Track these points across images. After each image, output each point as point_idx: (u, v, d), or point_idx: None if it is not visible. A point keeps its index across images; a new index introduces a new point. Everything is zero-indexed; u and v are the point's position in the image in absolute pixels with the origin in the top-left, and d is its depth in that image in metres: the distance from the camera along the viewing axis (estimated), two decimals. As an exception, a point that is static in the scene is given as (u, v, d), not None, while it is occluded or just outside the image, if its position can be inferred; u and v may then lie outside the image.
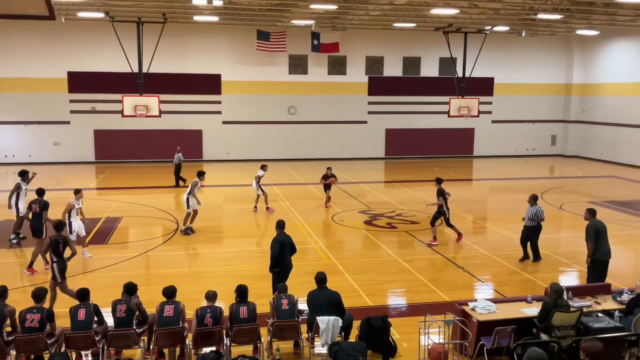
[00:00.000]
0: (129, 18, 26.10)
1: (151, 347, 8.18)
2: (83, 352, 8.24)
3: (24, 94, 30.04)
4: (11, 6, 6.44)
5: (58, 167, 29.51)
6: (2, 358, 8.02)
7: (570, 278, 12.68)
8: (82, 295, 8.13)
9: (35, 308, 7.83)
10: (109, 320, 8.29)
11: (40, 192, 13.25)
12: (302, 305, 8.93)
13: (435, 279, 12.27)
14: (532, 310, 8.52)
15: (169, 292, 8.33)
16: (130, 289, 8.34)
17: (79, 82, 30.55)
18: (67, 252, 10.29)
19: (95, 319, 8.01)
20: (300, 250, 14.61)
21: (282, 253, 10.17)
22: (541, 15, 25.38)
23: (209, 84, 32.07)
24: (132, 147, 31.25)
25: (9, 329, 7.91)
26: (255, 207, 18.89)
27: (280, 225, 10.56)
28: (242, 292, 8.36)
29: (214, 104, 32.33)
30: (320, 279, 8.66)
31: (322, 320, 8.12)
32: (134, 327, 8.10)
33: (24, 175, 14.95)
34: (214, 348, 8.07)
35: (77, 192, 13.34)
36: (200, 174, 16.31)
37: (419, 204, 20.34)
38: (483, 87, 34.53)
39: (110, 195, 22.23)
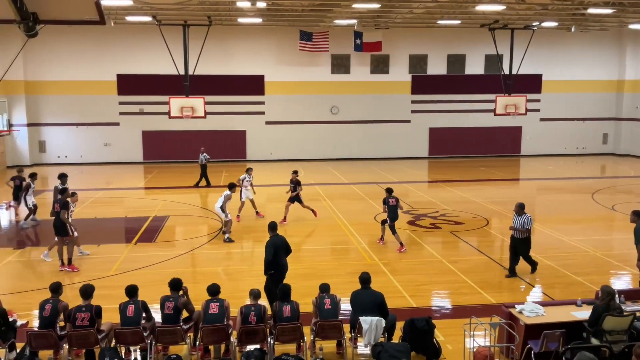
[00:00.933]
0: (175, 21, 26.71)
1: (197, 343, 8.34)
2: (132, 347, 8.48)
3: (76, 96, 31.13)
4: (65, 13, 6.70)
5: (108, 167, 30.46)
6: (56, 352, 8.36)
7: (622, 281, 12.23)
8: (131, 291, 8.35)
9: (84, 306, 8.08)
10: (157, 317, 8.50)
11: (62, 191, 13.58)
12: (345, 305, 8.93)
13: (480, 280, 12.04)
14: (583, 313, 8.26)
15: (214, 290, 8.47)
16: (174, 285, 8.51)
17: (128, 84, 31.46)
18: None
19: (144, 315, 8.22)
20: (343, 250, 14.72)
21: (276, 255, 9.98)
22: (592, 10, 24.53)
23: (253, 85, 32.44)
24: (179, 148, 31.93)
25: (62, 323, 8.21)
26: (257, 212, 18.25)
27: (273, 227, 10.37)
28: (285, 291, 8.42)
29: (258, 104, 32.68)
30: (364, 279, 8.63)
31: (365, 321, 8.10)
32: (181, 323, 8.28)
33: (62, 177, 15.59)
34: (257, 346, 8.16)
35: (73, 195, 13.59)
36: (232, 187, 15.63)
37: (464, 204, 20.02)
38: (531, 84, 33.70)
39: (157, 194, 22.79)
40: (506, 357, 8.36)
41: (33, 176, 17.28)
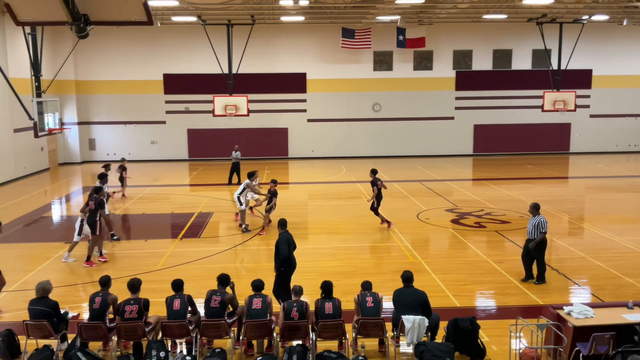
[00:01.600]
0: (219, 21, 27.13)
1: (241, 338, 8.46)
2: (178, 340, 8.67)
3: (124, 95, 32.04)
4: (115, 14, 6.91)
5: (155, 164, 31.23)
6: (105, 343, 8.63)
7: (679, 284, 11.71)
8: (177, 286, 8.54)
9: (133, 299, 8.32)
10: (201, 311, 8.67)
11: (97, 189, 13.77)
12: (387, 304, 8.88)
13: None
14: (634, 316, 7.96)
15: (258, 286, 8.57)
16: (222, 280, 8.65)
17: (174, 83, 32.15)
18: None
19: (189, 309, 8.40)
20: (384, 248, 14.64)
21: (290, 250, 10.07)
22: (646, 1, 23.59)
23: (295, 82, 32.62)
24: (223, 145, 32.44)
25: (111, 316, 8.48)
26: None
27: (283, 223, 10.31)
28: (327, 288, 8.44)
29: (300, 102, 32.85)
30: (407, 277, 8.56)
31: (408, 320, 8.03)
32: (225, 318, 8.41)
33: (102, 177, 16.09)
34: (300, 342, 8.22)
35: (108, 196, 14.34)
36: (251, 175, 15.96)
37: (510, 203, 19.60)
38: (580, 79, 32.65)
39: (202, 191, 23.22)
40: (553, 359, 8.14)
41: (107, 167, 19.03)
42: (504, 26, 31.77)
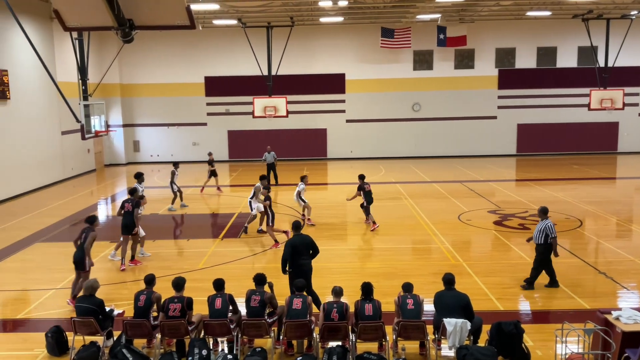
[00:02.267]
0: (259, 23, 27.42)
1: (281, 337, 8.51)
2: (219, 339, 8.79)
3: (167, 98, 32.73)
4: (158, 18, 7.06)
5: (196, 165, 31.75)
6: (149, 340, 8.82)
7: None
8: (219, 285, 8.65)
9: (177, 297, 8.47)
10: (242, 310, 8.75)
11: (132, 191, 13.77)
12: (428, 306, 8.77)
13: (573, 284, 11.41)
14: (689, 323, 7.61)
15: (300, 286, 8.59)
16: (259, 280, 8.71)
17: (215, 86, 32.65)
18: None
19: (230, 307, 8.49)
20: (425, 250, 14.47)
21: (296, 255, 9.71)
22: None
23: (334, 83, 32.64)
24: (262, 146, 32.70)
25: (155, 313, 8.65)
26: (305, 218, 17.16)
27: (296, 226, 10.17)
28: (367, 289, 8.38)
29: (338, 102, 32.85)
30: (449, 280, 8.43)
31: (450, 322, 7.91)
32: (266, 317, 8.47)
33: (139, 177, 16.31)
34: (340, 343, 8.19)
35: (142, 197, 14.35)
36: (262, 178, 15.80)
37: (555, 204, 19.08)
38: (628, 77, 31.52)
39: (242, 192, 23.45)
40: (602, 366, 7.87)
41: (176, 165, 19.78)
42: (548, 23, 30.99)
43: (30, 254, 14.71)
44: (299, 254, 9.76)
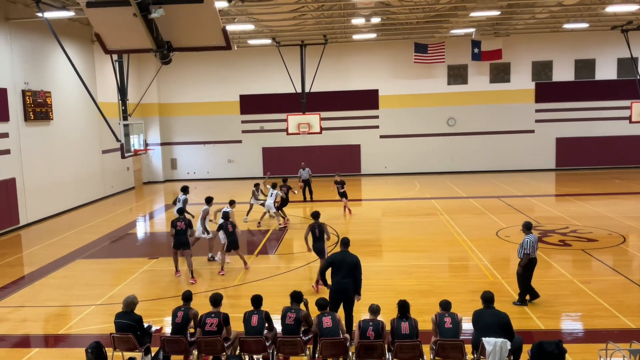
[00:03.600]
0: (293, 42, 27.76)
1: (316, 355, 8.45)
2: (255, 356, 8.79)
3: (203, 116, 33.33)
4: (196, 40, 7.23)
5: (231, 182, 32.13)
6: (186, 357, 8.89)
7: None
8: (257, 301, 8.67)
9: (214, 313, 8.54)
10: (277, 327, 8.74)
11: (181, 211, 14.21)
12: (467, 325, 8.59)
13: (618, 303, 11.01)
14: None
15: (323, 304, 8.55)
16: (295, 297, 8.70)
17: (249, 104, 33.09)
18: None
19: (266, 325, 8.50)
20: (462, 267, 14.22)
21: (333, 272, 9.60)
22: None
23: (367, 99, 32.68)
24: (296, 163, 32.86)
25: (192, 330, 8.73)
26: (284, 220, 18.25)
27: (344, 242, 10.08)
28: (403, 307, 8.27)
29: (372, 118, 32.83)
30: (488, 298, 8.24)
31: (489, 342, 7.72)
32: (301, 335, 8.44)
33: (185, 190, 16.99)
34: (376, 362, 8.09)
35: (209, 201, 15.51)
36: (209, 201, 15.53)
37: (597, 220, 18.55)
38: (672, 87, 30.56)
39: (277, 208, 23.55)
40: (651, 389, 7.54)
41: (257, 186, 20.62)
42: (586, 35, 30.42)
43: (72, 270, 15.08)
44: (337, 272, 9.59)
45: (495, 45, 30.56)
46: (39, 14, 16.62)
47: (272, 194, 19.01)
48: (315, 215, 12.71)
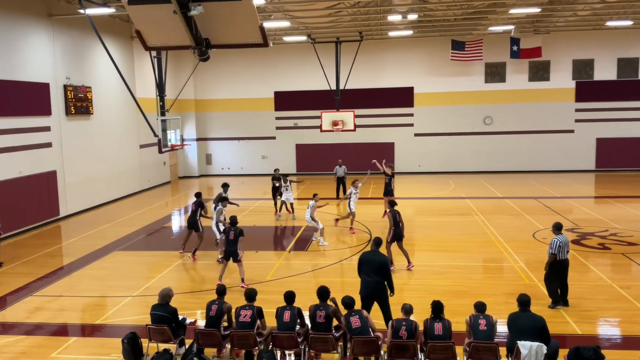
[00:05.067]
0: (328, 39, 27.73)
1: (347, 353, 8.44)
2: (287, 352, 8.84)
3: (238, 113, 33.63)
4: (233, 37, 7.28)
5: (265, 178, 32.31)
6: (219, 350, 9.00)
7: None
8: (289, 297, 8.71)
9: (248, 306, 8.66)
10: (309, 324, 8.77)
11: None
12: (501, 327, 8.44)
13: (660, 309, 10.68)
14: None
15: (349, 303, 8.51)
16: (322, 294, 8.69)
17: (284, 100, 33.24)
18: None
19: (298, 321, 8.53)
20: (497, 269, 14.00)
21: (361, 271, 9.74)
22: None
23: (402, 97, 32.41)
24: (329, 160, 32.91)
25: (225, 324, 8.82)
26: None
27: (375, 242, 10.16)
28: (437, 308, 8.18)
29: (407, 116, 32.56)
30: (525, 301, 8.08)
31: (524, 346, 7.58)
32: (333, 331, 8.44)
33: (225, 186, 17.19)
34: (408, 362, 8.03)
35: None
36: (222, 199, 16.14)
37: (639, 223, 17.98)
38: None
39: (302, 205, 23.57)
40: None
41: (283, 178, 20.67)
42: (630, 33, 29.50)
43: (109, 262, 15.44)
44: (364, 271, 9.69)
45: (535, 43, 29.89)
46: (81, 11, 17.02)
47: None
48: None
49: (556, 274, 10.90)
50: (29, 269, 14.70)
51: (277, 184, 20.94)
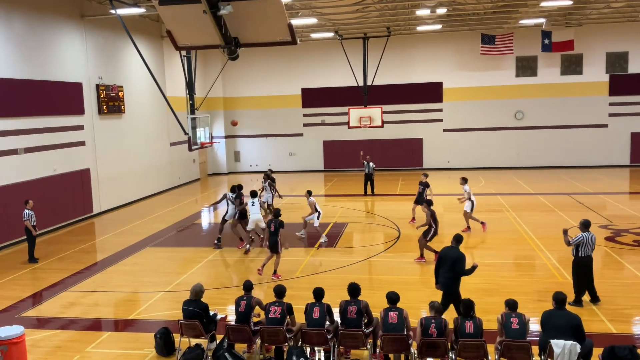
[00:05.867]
0: (355, 35, 27.64)
1: (377, 350, 8.43)
2: (316, 348, 8.87)
3: (266, 110, 33.83)
4: (262, 36, 7.33)
5: (292, 175, 32.47)
6: (249, 345, 9.09)
7: None
8: (319, 294, 8.73)
9: (278, 302, 8.72)
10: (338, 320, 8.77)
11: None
12: (534, 326, 8.32)
13: (699, 309, 10.38)
14: None
15: (394, 299, 8.45)
16: (353, 290, 8.66)
17: (311, 97, 33.28)
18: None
19: (327, 317, 8.55)
20: (529, 266, 13.78)
21: (441, 268, 9.76)
22: None
23: (430, 92, 32.13)
24: (357, 156, 32.84)
25: (255, 319, 8.90)
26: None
27: (456, 239, 10.10)
28: (468, 306, 8.11)
29: (435, 112, 32.26)
30: (561, 299, 7.93)
31: (558, 344, 7.45)
32: (363, 327, 8.43)
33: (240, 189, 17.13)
34: (438, 359, 7.98)
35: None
36: (254, 194, 16.48)
37: (676, 220, 17.49)
38: None
39: (337, 201, 23.64)
40: None
41: (266, 177, 20.62)
42: (668, 23, 28.64)
43: (141, 257, 15.72)
44: (443, 267, 9.76)
45: (567, 36, 29.26)
46: (112, 11, 17.33)
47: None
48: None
49: (580, 272, 10.73)
50: (64, 265, 15.06)
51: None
